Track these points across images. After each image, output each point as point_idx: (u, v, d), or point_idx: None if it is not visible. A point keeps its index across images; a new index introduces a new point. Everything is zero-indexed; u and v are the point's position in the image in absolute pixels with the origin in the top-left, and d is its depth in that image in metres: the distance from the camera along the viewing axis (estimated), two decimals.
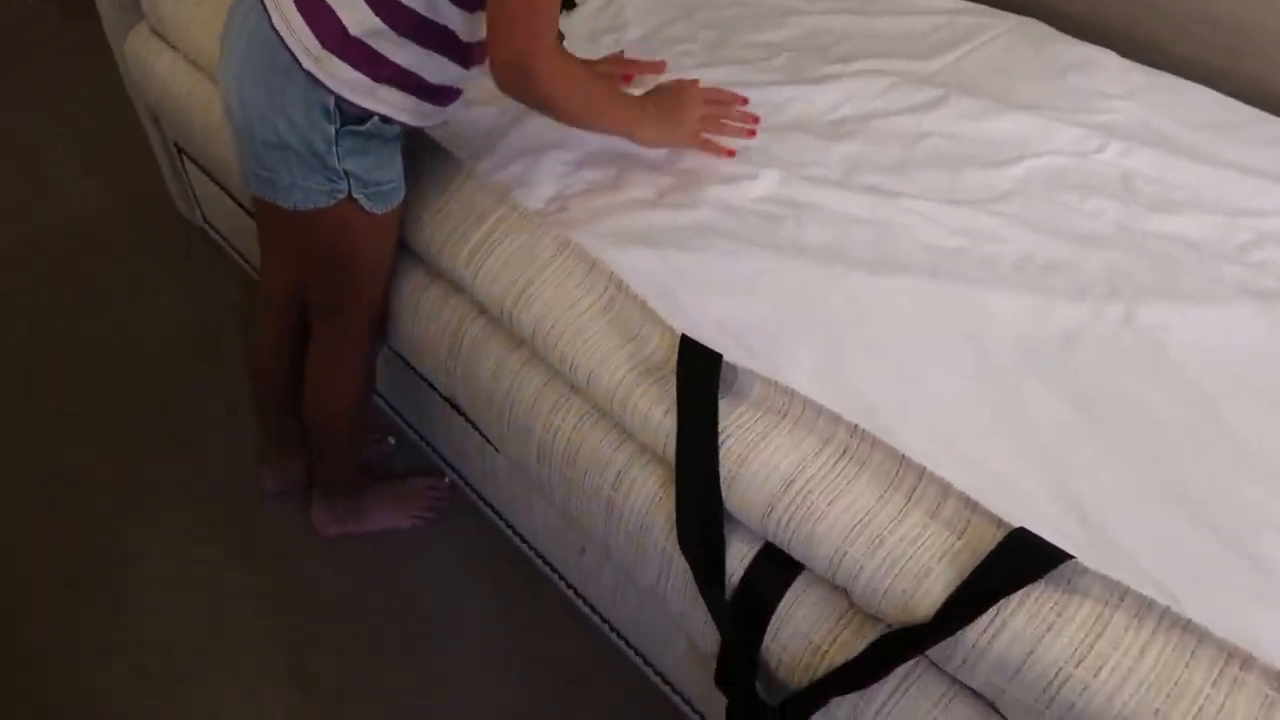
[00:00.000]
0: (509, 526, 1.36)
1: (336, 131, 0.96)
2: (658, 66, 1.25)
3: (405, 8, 0.91)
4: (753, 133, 1.15)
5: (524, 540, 1.34)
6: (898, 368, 0.91)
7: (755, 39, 1.39)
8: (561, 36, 1.14)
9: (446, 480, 1.47)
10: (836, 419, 0.84)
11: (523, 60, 0.92)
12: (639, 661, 1.23)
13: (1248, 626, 0.70)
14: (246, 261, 1.74)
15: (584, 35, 1.39)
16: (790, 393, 0.86)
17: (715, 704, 0.99)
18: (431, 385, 1.27)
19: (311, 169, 0.98)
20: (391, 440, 1.54)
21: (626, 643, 1.24)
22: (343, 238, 1.07)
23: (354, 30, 0.91)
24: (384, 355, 1.35)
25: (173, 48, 1.50)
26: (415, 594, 1.37)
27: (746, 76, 1.28)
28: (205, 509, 1.45)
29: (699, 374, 0.88)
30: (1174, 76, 1.31)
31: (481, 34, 0.96)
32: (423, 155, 1.13)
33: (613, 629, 1.25)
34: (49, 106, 2.21)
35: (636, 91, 1.14)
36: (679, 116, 1.10)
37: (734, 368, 0.89)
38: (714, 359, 0.88)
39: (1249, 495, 0.81)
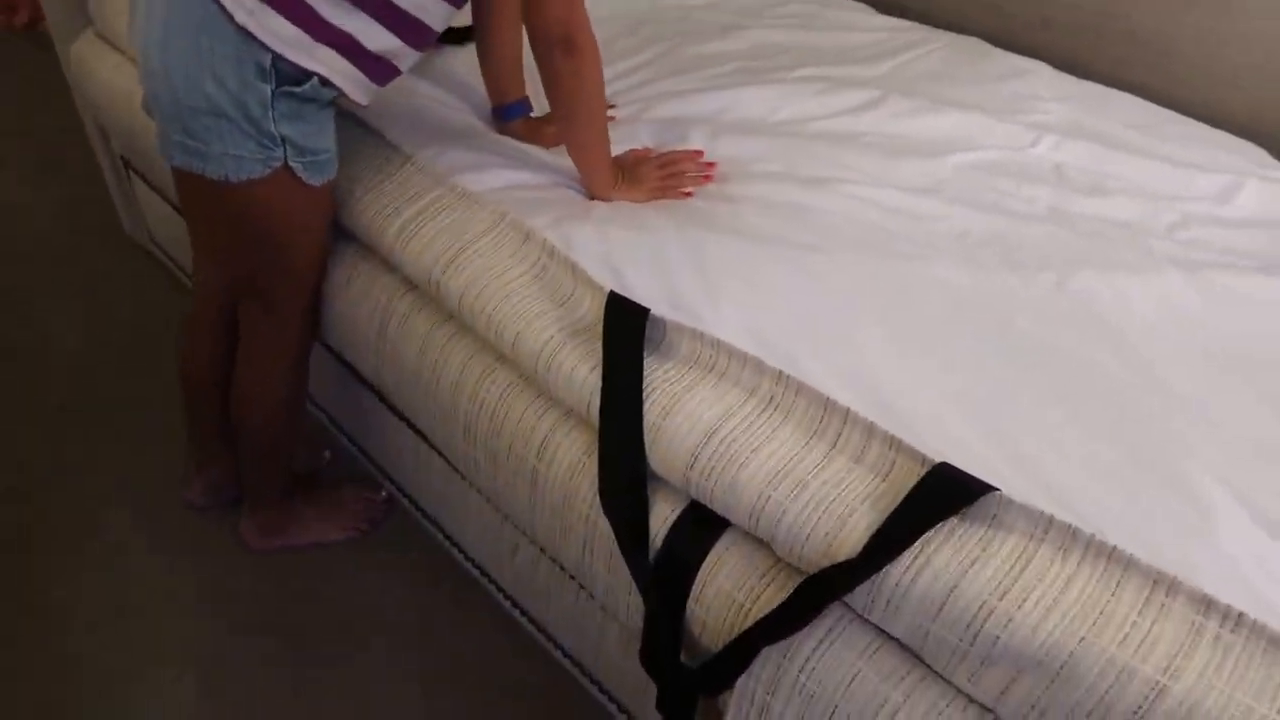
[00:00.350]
0: (443, 533, 1.32)
1: (272, 92, 0.92)
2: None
3: None
4: (709, 178, 1.14)
5: (458, 547, 1.31)
6: (830, 329, 0.90)
7: (702, 51, 1.42)
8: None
9: (383, 494, 1.43)
10: (761, 370, 0.83)
11: (565, 29, 0.96)
12: (571, 666, 1.19)
13: (1175, 555, 0.69)
14: (187, 275, 1.72)
15: None
16: (717, 346, 0.85)
17: (647, 704, 0.95)
18: (364, 381, 1.25)
19: (245, 135, 0.94)
20: (327, 454, 1.50)
21: (559, 648, 1.19)
22: (278, 212, 1.03)
23: None
24: (319, 358, 1.33)
25: (118, 50, 1.51)
26: (342, 603, 1.32)
27: (694, 85, 1.31)
28: (132, 516, 1.40)
29: (625, 329, 0.87)
30: (1101, 85, 1.36)
31: (433, 19, 0.97)
32: (360, 140, 1.14)
33: (545, 634, 1.21)
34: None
35: None
36: (637, 178, 1.12)
37: (663, 327, 0.88)
38: (641, 313, 0.87)
39: (1179, 435, 0.80)
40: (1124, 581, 0.67)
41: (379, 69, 0.98)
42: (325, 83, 0.95)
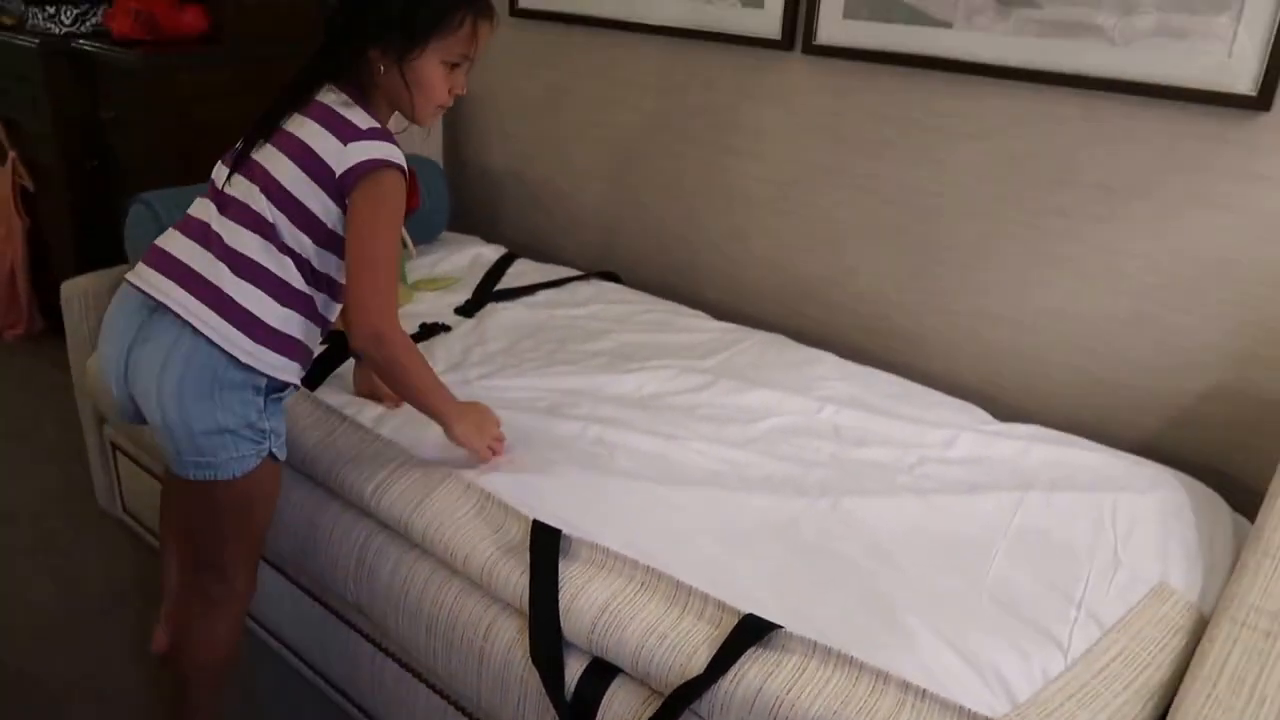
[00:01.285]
0: None
1: (265, 401, 1.33)
2: None
3: (304, 294, 1.34)
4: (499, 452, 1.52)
5: None
6: (678, 536, 1.37)
7: (583, 348, 1.96)
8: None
9: None
10: (635, 566, 1.29)
11: (377, 328, 1.32)
12: None
13: (890, 662, 1.14)
14: (158, 539, 2.08)
15: (457, 350, 1.93)
16: (606, 553, 1.31)
17: None
18: (326, 605, 1.63)
19: (247, 440, 1.32)
20: None
21: None
22: (258, 491, 1.37)
23: (273, 324, 1.31)
24: (289, 596, 1.71)
25: None
26: None
27: (578, 371, 1.83)
28: None
29: (545, 544, 1.33)
30: (869, 367, 1.94)
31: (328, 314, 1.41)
32: (339, 426, 1.60)
33: None
34: None
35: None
36: (483, 428, 1.49)
37: (569, 541, 1.33)
38: (555, 533, 1.33)
39: (901, 596, 1.27)
40: (859, 677, 1.12)
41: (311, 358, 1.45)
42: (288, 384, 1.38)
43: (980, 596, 1.28)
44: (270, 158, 1.36)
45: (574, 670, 1.27)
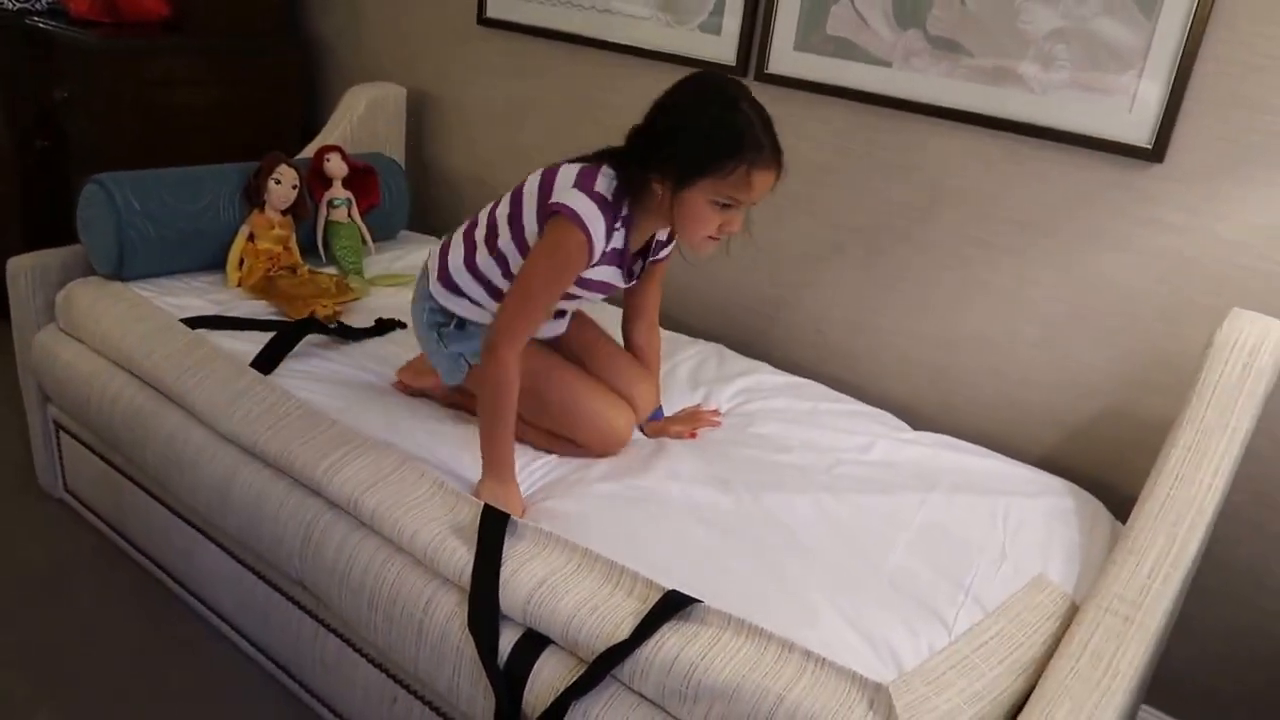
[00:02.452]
0: (326, 706, 1.79)
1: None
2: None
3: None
4: None
5: (339, 716, 1.77)
6: (613, 520, 1.53)
7: None
8: None
9: None
10: (573, 549, 1.45)
11: (494, 338, 1.56)
12: None
13: (795, 633, 1.31)
14: (102, 519, 2.19)
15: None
16: (549, 536, 1.47)
17: None
18: (270, 582, 1.76)
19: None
20: None
21: None
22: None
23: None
24: (234, 574, 1.84)
25: (78, 341, 2.08)
26: None
27: None
28: None
29: (493, 525, 1.48)
30: (802, 378, 2.13)
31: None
32: (295, 410, 1.73)
33: None
34: None
35: None
36: (509, 503, 1.57)
37: (515, 524, 1.49)
38: (504, 516, 1.49)
39: (810, 576, 1.45)
40: (767, 647, 1.29)
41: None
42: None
43: (880, 580, 1.46)
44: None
45: (508, 640, 1.42)
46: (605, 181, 1.56)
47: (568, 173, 1.59)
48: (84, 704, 1.80)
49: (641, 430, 1.87)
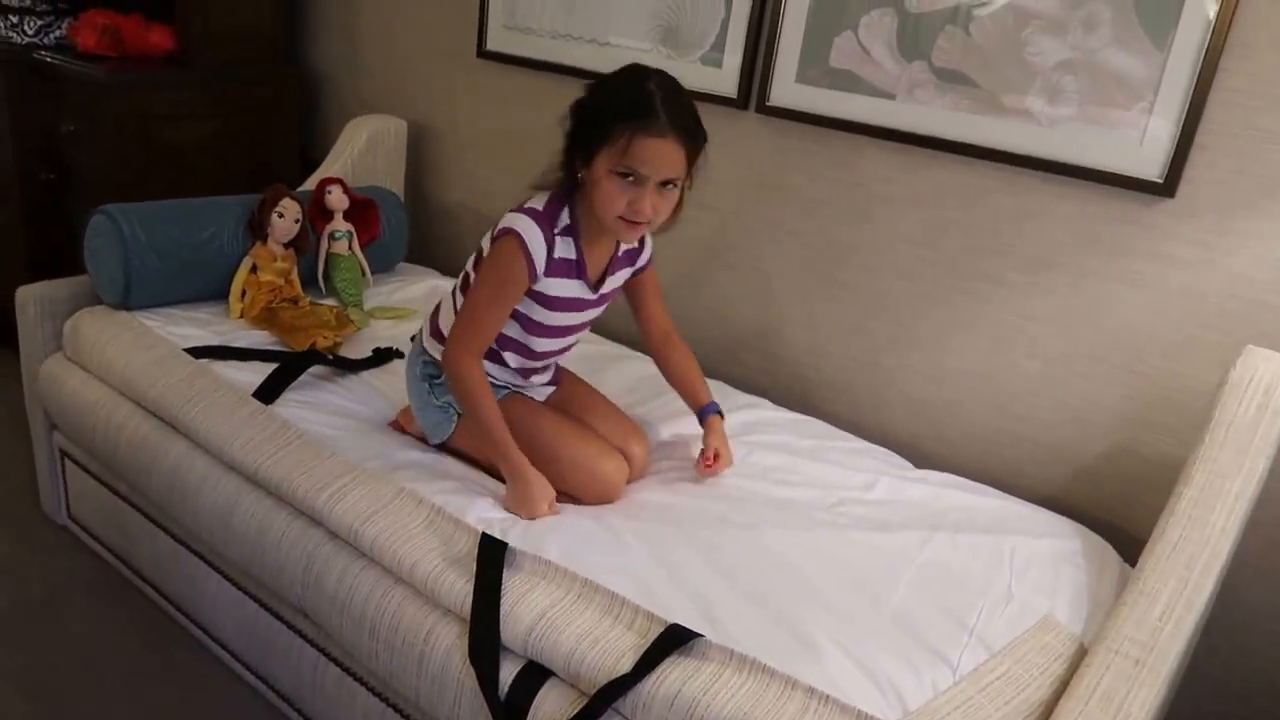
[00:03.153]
0: None
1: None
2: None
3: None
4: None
5: None
6: (613, 552, 1.54)
7: None
8: None
9: None
10: (574, 578, 1.45)
11: (446, 351, 1.66)
12: None
13: (797, 670, 1.32)
14: (106, 546, 2.20)
15: None
16: (547, 565, 1.47)
17: None
18: (271, 610, 1.77)
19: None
20: None
21: None
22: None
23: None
24: (236, 602, 1.84)
25: (84, 369, 2.10)
26: None
27: None
28: None
29: (491, 554, 1.48)
30: (802, 414, 2.14)
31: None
32: (293, 442, 1.75)
33: None
34: None
35: None
36: (530, 506, 1.63)
37: (514, 553, 1.49)
38: (502, 545, 1.49)
39: (811, 614, 1.45)
40: (770, 683, 1.29)
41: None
42: None
43: (883, 619, 1.46)
44: None
45: (509, 672, 1.42)
46: (540, 197, 1.65)
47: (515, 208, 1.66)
48: None
49: (701, 422, 1.86)
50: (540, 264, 1.63)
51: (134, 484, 2.01)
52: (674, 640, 1.34)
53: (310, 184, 2.59)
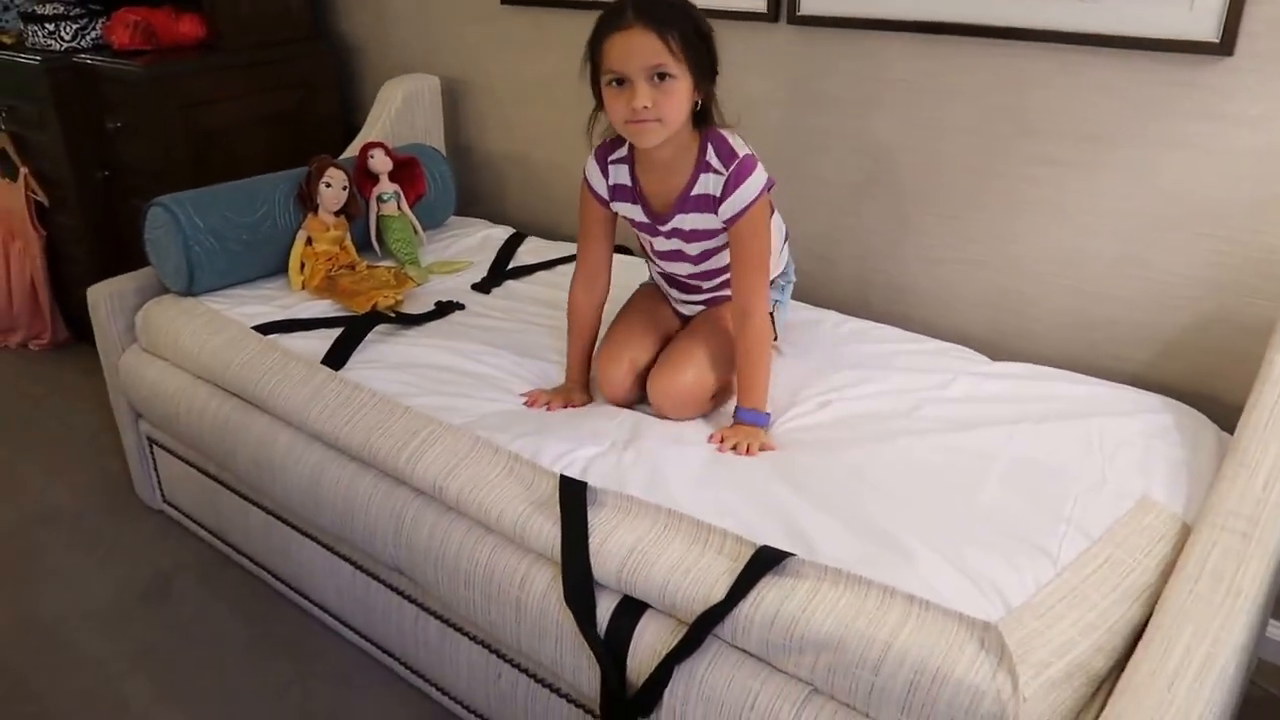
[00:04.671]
0: (434, 686, 1.79)
1: None
2: None
3: None
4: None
5: (447, 694, 1.78)
6: (696, 485, 1.50)
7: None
8: None
9: None
10: (658, 510, 1.42)
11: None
12: None
13: (893, 580, 1.27)
14: (202, 526, 2.23)
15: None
16: (629, 500, 1.44)
17: None
18: (367, 571, 1.77)
19: None
20: None
21: None
22: None
23: None
24: (331, 567, 1.85)
25: (160, 358, 2.11)
26: None
27: None
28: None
29: (573, 495, 1.46)
30: (868, 321, 2.07)
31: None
32: (367, 400, 1.73)
33: None
34: (16, 431, 2.72)
35: None
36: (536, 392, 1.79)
37: (595, 492, 1.46)
38: (582, 485, 1.47)
39: (901, 519, 1.39)
40: (868, 594, 1.25)
41: None
42: None
43: (975, 518, 1.40)
44: None
45: (605, 609, 1.40)
46: (610, 134, 1.73)
47: None
48: (203, 703, 1.84)
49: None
50: (602, 191, 1.75)
51: (221, 464, 2.03)
52: (766, 562, 1.30)
53: (353, 150, 2.56)
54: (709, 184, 1.65)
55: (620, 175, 1.73)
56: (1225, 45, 1.63)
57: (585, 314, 1.83)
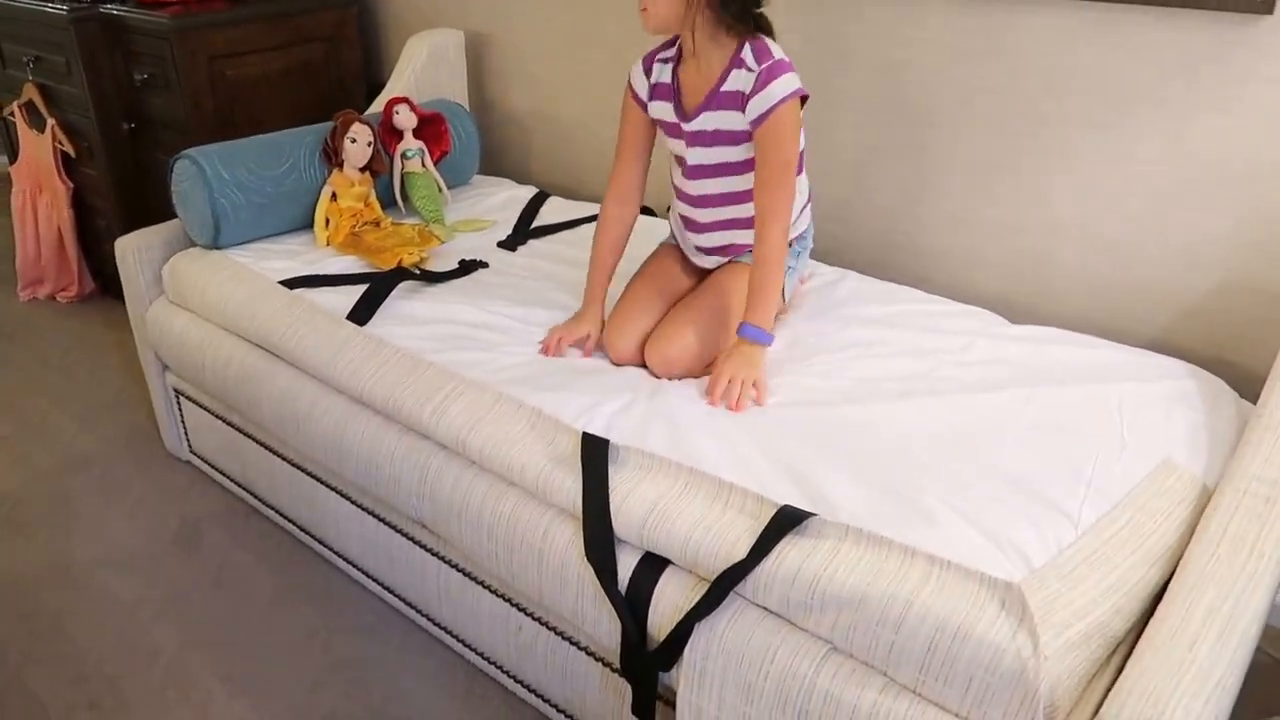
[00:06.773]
0: (455, 638, 1.80)
1: None
2: None
3: None
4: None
5: (471, 648, 1.78)
6: (717, 442, 1.49)
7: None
8: None
9: None
10: (679, 468, 1.40)
11: None
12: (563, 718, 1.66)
13: (915, 540, 1.25)
14: (228, 477, 2.23)
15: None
16: (651, 457, 1.42)
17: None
18: (391, 525, 1.77)
19: None
20: None
21: (552, 705, 1.67)
22: None
23: None
24: (356, 519, 1.85)
25: (187, 310, 2.10)
26: (377, 693, 1.77)
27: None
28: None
29: (595, 452, 1.44)
30: (889, 282, 2.03)
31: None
32: (390, 355, 1.72)
33: (541, 697, 1.68)
34: (46, 381, 2.73)
35: None
36: (554, 331, 1.80)
37: (616, 449, 1.45)
38: (604, 442, 1.45)
39: (919, 484, 1.38)
40: (889, 554, 1.23)
41: None
42: None
43: (996, 480, 1.38)
44: None
45: (627, 564, 1.39)
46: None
47: None
48: (230, 649, 1.85)
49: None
50: (643, 92, 1.79)
51: (247, 415, 2.02)
52: (787, 521, 1.29)
53: (378, 106, 2.52)
54: (740, 80, 1.65)
55: (663, 74, 1.77)
56: (1266, 2, 1.57)
57: (613, 229, 1.86)
